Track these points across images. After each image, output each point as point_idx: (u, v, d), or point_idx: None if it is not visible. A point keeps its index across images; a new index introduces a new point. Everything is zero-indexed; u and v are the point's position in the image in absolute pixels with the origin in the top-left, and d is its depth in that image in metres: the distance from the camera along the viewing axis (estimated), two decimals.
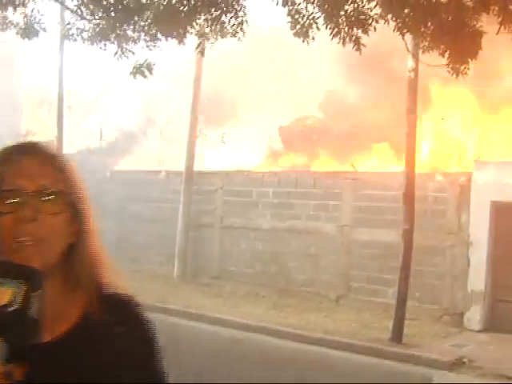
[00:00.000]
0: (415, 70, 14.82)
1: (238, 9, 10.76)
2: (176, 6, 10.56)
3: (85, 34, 12.38)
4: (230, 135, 26.55)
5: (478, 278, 17.08)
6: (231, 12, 10.72)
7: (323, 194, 20.06)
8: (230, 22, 10.97)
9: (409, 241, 15.20)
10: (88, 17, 12.07)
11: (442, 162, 22.20)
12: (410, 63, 14.74)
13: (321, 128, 28.62)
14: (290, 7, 10.39)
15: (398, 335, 15.03)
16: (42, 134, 38.73)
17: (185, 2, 10.47)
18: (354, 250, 19.36)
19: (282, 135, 29.84)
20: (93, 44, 12.45)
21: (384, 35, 11.05)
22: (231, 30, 11.25)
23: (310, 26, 10.55)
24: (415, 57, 14.00)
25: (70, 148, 32.13)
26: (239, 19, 11.02)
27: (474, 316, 17.07)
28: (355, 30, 10.33)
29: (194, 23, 10.96)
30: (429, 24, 9.86)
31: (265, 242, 21.32)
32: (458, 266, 17.49)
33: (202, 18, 10.86)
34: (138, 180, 25.57)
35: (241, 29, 11.24)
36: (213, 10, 10.56)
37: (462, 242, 17.42)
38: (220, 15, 10.71)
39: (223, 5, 10.59)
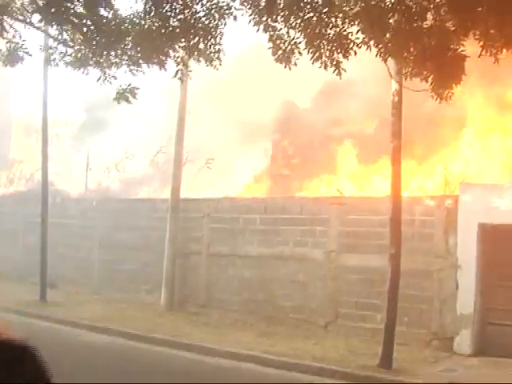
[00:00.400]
0: (399, 93, 14.79)
1: (215, 36, 10.71)
2: (155, 33, 10.49)
3: (67, 59, 12.32)
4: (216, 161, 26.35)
5: (467, 301, 16.96)
6: (208, 40, 10.66)
7: (310, 220, 19.96)
8: (207, 49, 10.93)
9: (396, 265, 15.09)
10: (70, 43, 12.00)
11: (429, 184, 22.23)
12: (394, 86, 14.72)
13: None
14: (271, 32, 10.33)
15: (387, 361, 14.86)
16: (29, 162, 38.68)
17: (163, 30, 10.40)
18: (341, 276, 19.21)
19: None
20: (75, 69, 12.37)
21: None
22: (208, 58, 11.22)
23: (292, 51, 10.50)
24: (398, 80, 13.97)
25: (56, 177, 32.09)
26: (216, 47, 10.98)
27: (464, 340, 16.92)
28: (336, 54, 10.29)
29: (172, 50, 10.89)
30: (411, 49, 9.82)
31: (252, 269, 21.15)
32: (447, 290, 17.36)
33: (181, 44, 10.79)
34: (125, 208, 25.46)
35: (217, 57, 11.20)
36: (191, 37, 10.50)
37: (450, 265, 17.31)
38: (198, 42, 10.65)
39: (201, 32, 10.53)
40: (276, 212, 20.76)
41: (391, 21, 9.61)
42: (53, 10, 10.82)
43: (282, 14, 10.16)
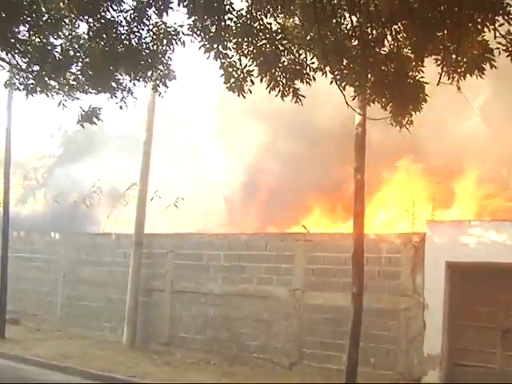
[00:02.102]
0: (362, 125, 14.46)
1: (163, 62, 10.32)
2: (100, 58, 10.06)
3: (21, 86, 11.88)
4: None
5: (434, 342, 16.54)
6: (156, 66, 10.27)
7: (275, 257, 19.50)
8: (152, 76, 10.57)
9: (358, 305, 14.63)
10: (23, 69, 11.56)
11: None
12: (357, 119, 14.41)
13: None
14: (223, 60, 9.92)
15: None
16: None
17: (108, 56, 9.97)
18: (306, 315, 18.71)
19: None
20: (32, 95, 11.91)
21: None
22: (153, 85, 10.85)
23: (245, 79, 10.10)
24: (361, 112, 13.66)
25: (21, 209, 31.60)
26: (162, 73, 10.60)
27: (432, 381, 16.43)
28: (292, 82, 9.91)
29: (120, 75, 10.48)
30: (369, 76, 9.45)
31: (216, 307, 20.62)
32: (414, 330, 16.91)
33: (127, 70, 10.38)
34: (88, 243, 24.91)
35: (164, 84, 10.81)
36: (136, 63, 10.09)
37: (417, 305, 16.89)
38: (145, 70, 10.25)
39: (147, 58, 10.13)
40: (240, 248, 20.28)
41: (348, 47, 9.24)
42: None
43: (233, 40, 9.77)
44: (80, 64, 10.65)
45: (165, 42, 10.14)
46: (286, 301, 19.11)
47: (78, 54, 10.48)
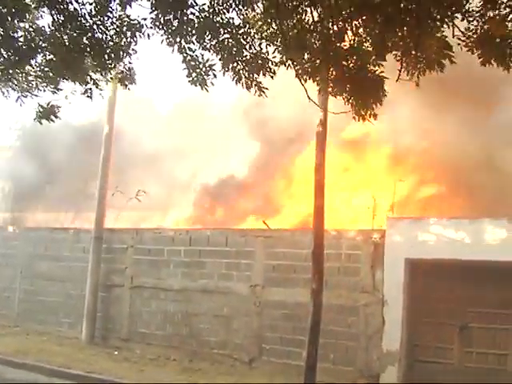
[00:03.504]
0: (324, 123, 14.47)
1: (127, 55, 10.23)
2: (66, 49, 9.96)
3: None
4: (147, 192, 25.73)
5: (393, 338, 16.63)
6: (120, 58, 10.18)
7: (235, 253, 19.49)
8: (116, 69, 10.49)
9: (318, 301, 14.64)
10: None
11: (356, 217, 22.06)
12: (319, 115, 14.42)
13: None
14: (185, 54, 9.86)
15: None
16: None
17: (73, 47, 9.86)
18: (266, 311, 18.71)
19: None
20: None
21: None
22: (121, 78, 10.76)
23: (207, 73, 10.06)
24: (322, 107, 13.68)
25: None
26: (126, 67, 10.51)
27: (390, 377, 16.51)
28: (255, 75, 9.90)
29: (84, 69, 10.38)
30: (331, 70, 9.46)
31: (176, 303, 20.54)
32: (373, 326, 17.00)
33: (92, 62, 10.28)
34: (47, 238, 24.63)
35: (130, 76, 10.73)
36: (101, 54, 9.99)
37: (376, 301, 16.99)
38: (110, 62, 10.15)
39: (112, 52, 10.03)
40: (201, 244, 20.22)
41: (309, 42, 9.24)
42: None
43: (196, 35, 9.71)
44: (44, 54, 10.50)
45: (128, 34, 10.03)
46: (246, 297, 19.10)
47: (43, 44, 10.32)
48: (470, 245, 15.92)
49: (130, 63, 10.57)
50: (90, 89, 10.65)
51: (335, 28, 9.02)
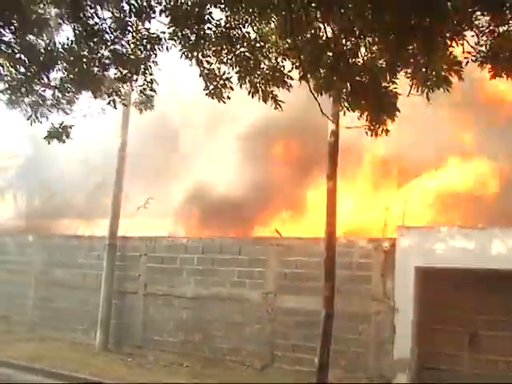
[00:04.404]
0: (335, 133, 14.74)
1: (147, 67, 10.53)
2: (86, 60, 10.29)
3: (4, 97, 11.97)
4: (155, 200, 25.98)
5: (403, 345, 16.83)
6: (141, 70, 10.49)
7: (248, 261, 19.75)
8: (137, 80, 10.78)
9: (329, 308, 14.88)
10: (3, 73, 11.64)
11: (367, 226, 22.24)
12: (331, 127, 14.68)
13: None
14: (202, 67, 10.18)
15: None
16: None
17: (94, 58, 10.20)
18: (278, 318, 18.97)
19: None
20: (9, 108, 12.02)
21: None
22: (140, 89, 11.06)
23: (224, 85, 10.36)
24: (335, 120, 13.94)
25: None
26: (148, 78, 10.80)
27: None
28: (271, 87, 10.19)
29: (105, 78, 10.69)
30: (345, 85, 9.72)
31: (189, 310, 20.83)
32: (384, 333, 17.22)
33: (113, 74, 10.60)
34: (61, 245, 24.97)
35: (150, 88, 11.02)
36: (122, 66, 10.32)
37: (387, 309, 17.21)
38: (130, 74, 10.47)
39: (132, 62, 10.35)
40: (214, 252, 20.50)
41: (324, 58, 9.52)
42: None
43: (213, 49, 10.04)
44: (64, 67, 10.79)
45: (148, 47, 10.34)
46: (259, 304, 19.36)
47: (63, 56, 10.61)
48: (480, 254, 16.11)
49: (150, 75, 10.83)
50: (114, 100, 10.93)
51: (349, 44, 9.29)
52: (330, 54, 9.49)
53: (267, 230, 23.72)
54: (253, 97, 10.44)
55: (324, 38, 9.45)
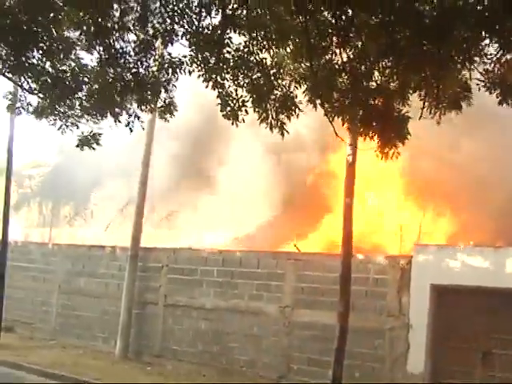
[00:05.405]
0: (353, 155, 15.06)
1: (167, 90, 10.89)
2: (109, 85, 10.66)
3: (30, 109, 12.40)
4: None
5: (417, 361, 17.04)
6: (160, 93, 10.85)
7: (266, 274, 20.05)
8: (158, 102, 11.14)
9: (344, 323, 15.17)
10: (34, 91, 12.06)
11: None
12: (348, 148, 15.03)
13: None
14: (220, 90, 10.52)
15: None
16: None
17: (117, 83, 10.58)
18: (295, 332, 19.22)
19: None
20: (37, 118, 12.42)
21: None
22: (160, 111, 11.42)
23: (240, 108, 10.68)
24: (352, 142, 14.27)
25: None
26: (167, 101, 11.16)
27: None
28: (281, 115, 10.48)
29: (126, 102, 11.06)
30: (358, 109, 10.00)
31: (207, 321, 21.15)
32: (398, 349, 17.41)
33: (134, 97, 10.96)
34: (85, 255, 25.40)
35: (169, 110, 11.37)
36: (143, 90, 10.69)
37: (402, 325, 17.41)
38: (149, 96, 10.84)
39: (153, 86, 10.72)
40: (233, 265, 20.82)
41: (338, 81, 9.82)
42: (12, 58, 10.95)
43: (230, 72, 10.38)
44: (88, 89, 11.19)
45: (170, 71, 10.71)
46: (276, 317, 19.63)
47: (87, 80, 11.03)
48: (494, 272, 16.30)
49: (170, 98, 11.19)
50: (133, 121, 11.28)
51: (363, 68, 9.60)
52: (346, 77, 9.80)
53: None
54: (261, 122, 10.72)
55: (339, 62, 9.75)
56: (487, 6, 8.17)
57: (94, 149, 12.13)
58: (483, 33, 8.61)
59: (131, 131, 11.38)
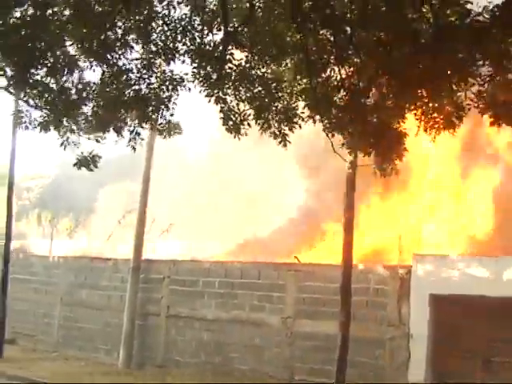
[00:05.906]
0: (353, 167, 15.25)
1: (168, 107, 11.04)
2: (112, 101, 10.84)
3: (35, 123, 12.53)
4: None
5: (418, 371, 17.15)
6: (161, 110, 11.02)
7: (268, 286, 20.19)
8: (157, 120, 11.30)
9: (345, 332, 15.32)
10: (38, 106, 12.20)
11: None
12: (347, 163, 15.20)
13: None
14: (222, 105, 10.72)
15: None
16: None
17: (119, 99, 10.75)
18: (297, 342, 19.35)
19: None
20: (41, 132, 12.55)
21: None
22: (160, 128, 11.60)
23: (242, 122, 10.87)
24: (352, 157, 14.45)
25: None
26: (167, 119, 11.33)
27: None
28: (283, 126, 10.68)
29: (128, 118, 11.22)
30: (355, 125, 10.14)
31: (209, 332, 21.27)
32: (399, 358, 17.54)
33: (135, 114, 11.12)
34: (87, 267, 25.52)
35: (168, 127, 11.56)
36: (144, 107, 10.86)
37: (402, 335, 17.56)
38: (150, 112, 11.01)
39: (154, 103, 10.90)
40: (234, 276, 20.97)
41: (336, 98, 10.00)
42: (14, 73, 11.11)
43: (232, 87, 10.59)
44: (91, 105, 11.35)
45: (171, 87, 10.89)
46: (278, 328, 19.78)
47: (91, 96, 11.20)
48: (494, 281, 16.46)
49: (171, 115, 11.37)
50: (135, 138, 11.39)
51: (360, 85, 9.78)
52: (344, 93, 9.97)
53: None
54: (263, 133, 10.93)
55: (338, 78, 9.94)
56: (481, 26, 8.31)
57: (91, 170, 12.13)
58: (477, 55, 8.77)
59: (134, 150, 11.47)
